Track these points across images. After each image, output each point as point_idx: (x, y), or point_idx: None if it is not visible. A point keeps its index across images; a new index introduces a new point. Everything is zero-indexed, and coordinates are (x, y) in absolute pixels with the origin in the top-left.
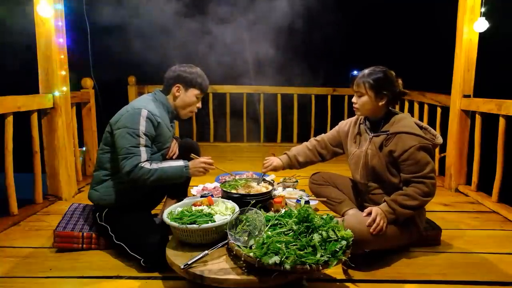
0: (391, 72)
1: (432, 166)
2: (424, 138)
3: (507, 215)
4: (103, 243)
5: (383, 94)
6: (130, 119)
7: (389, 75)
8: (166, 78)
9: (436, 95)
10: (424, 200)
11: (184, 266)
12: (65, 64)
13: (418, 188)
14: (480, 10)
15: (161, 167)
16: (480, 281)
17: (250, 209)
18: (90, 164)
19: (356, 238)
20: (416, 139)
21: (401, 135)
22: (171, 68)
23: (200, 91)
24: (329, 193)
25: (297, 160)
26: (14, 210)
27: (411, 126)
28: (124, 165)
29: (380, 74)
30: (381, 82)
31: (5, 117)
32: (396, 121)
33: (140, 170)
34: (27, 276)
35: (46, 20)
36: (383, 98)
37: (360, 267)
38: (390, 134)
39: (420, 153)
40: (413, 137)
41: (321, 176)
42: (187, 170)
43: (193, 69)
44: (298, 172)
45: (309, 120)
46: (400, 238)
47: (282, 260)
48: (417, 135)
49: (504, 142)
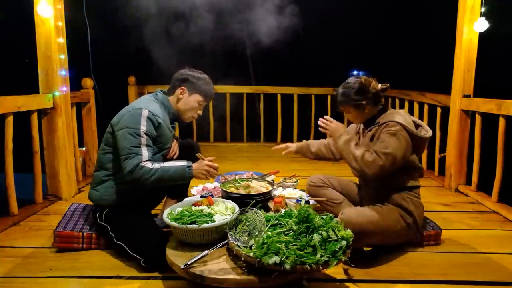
0: (360, 80)
1: (396, 154)
2: (406, 128)
3: (507, 215)
4: (103, 243)
5: (362, 104)
6: (131, 119)
7: (360, 86)
8: (173, 79)
9: (436, 95)
10: (357, 164)
11: (184, 266)
12: (65, 64)
13: (368, 155)
14: (480, 10)
15: (162, 166)
16: (480, 281)
17: (250, 209)
18: (90, 164)
19: (355, 230)
20: (396, 127)
21: (386, 123)
22: (180, 71)
23: (203, 98)
24: (328, 195)
25: (310, 150)
26: (14, 210)
27: (398, 117)
28: (126, 165)
29: (352, 90)
30: (355, 96)
31: (5, 117)
32: (387, 114)
33: (141, 170)
34: (27, 276)
35: (46, 20)
36: (365, 106)
37: (360, 266)
38: (380, 125)
39: (391, 137)
40: (395, 124)
41: (319, 178)
42: (190, 170)
43: (202, 75)
44: (298, 172)
45: (309, 120)
46: (398, 233)
47: (282, 260)
48: (399, 123)
49: (504, 142)
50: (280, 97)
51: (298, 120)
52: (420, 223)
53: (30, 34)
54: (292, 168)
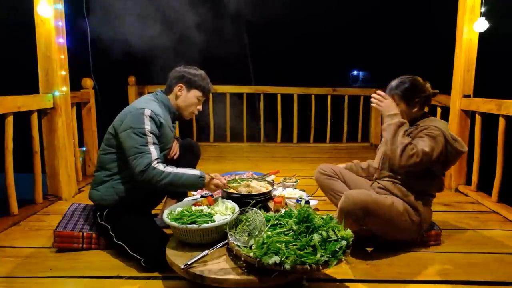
0: (417, 79)
1: (432, 155)
2: (445, 136)
3: (507, 215)
4: (103, 243)
5: (414, 101)
6: (134, 120)
7: (416, 83)
8: (170, 78)
9: (436, 95)
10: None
11: (184, 266)
12: (65, 64)
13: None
14: (480, 10)
15: (175, 172)
16: (481, 281)
17: (250, 209)
18: (90, 164)
19: (357, 206)
20: (437, 131)
21: (427, 126)
22: (176, 68)
23: (202, 93)
24: (336, 186)
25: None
26: (14, 210)
27: (439, 124)
28: (136, 165)
29: (407, 84)
30: (409, 92)
31: (5, 117)
32: (429, 120)
33: (154, 171)
34: (27, 276)
35: (46, 20)
36: (415, 105)
37: (360, 266)
38: (419, 127)
39: (430, 139)
40: (436, 129)
41: (331, 168)
42: (202, 181)
43: (197, 71)
44: (298, 172)
45: (309, 120)
46: (402, 226)
47: (282, 260)
48: (440, 129)
49: (504, 142)
50: (280, 97)
51: (298, 120)
52: (424, 226)
53: (30, 34)
54: (292, 168)
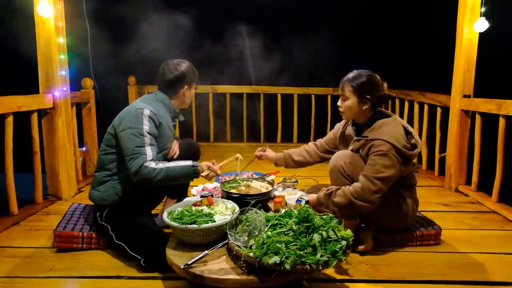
0: (375, 76)
1: (387, 175)
2: (396, 148)
3: (507, 215)
4: (103, 243)
5: (366, 98)
6: (133, 120)
7: (373, 79)
8: (170, 81)
9: (436, 95)
10: (354, 202)
11: (184, 266)
12: (65, 64)
13: (357, 186)
14: (480, 10)
15: (167, 166)
16: (480, 281)
17: (250, 209)
18: (90, 164)
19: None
20: (386, 146)
21: (375, 141)
22: (169, 68)
23: (196, 82)
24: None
25: (292, 158)
26: (14, 210)
27: (389, 133)
28: (131, 166)
29: (364, 79)
30: (364, 87)
31: (5, 117)
32: (377, 127)
33: (146, 169)
34: (27, 276)
35: (46, 20)
36: (367, 102)
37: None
38: (368, 141)
39: (382, 158)
40: (385, 143)
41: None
42: (195, 169)
43: (186, 63)
44: (298, 172)
45: (309, 120)
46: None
47: (282, 260)
48: (390, 143)
49: (504, 142)
50: (280, 97)
51: (298, 120)
52: (411, 213)
53: (30, 34)
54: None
